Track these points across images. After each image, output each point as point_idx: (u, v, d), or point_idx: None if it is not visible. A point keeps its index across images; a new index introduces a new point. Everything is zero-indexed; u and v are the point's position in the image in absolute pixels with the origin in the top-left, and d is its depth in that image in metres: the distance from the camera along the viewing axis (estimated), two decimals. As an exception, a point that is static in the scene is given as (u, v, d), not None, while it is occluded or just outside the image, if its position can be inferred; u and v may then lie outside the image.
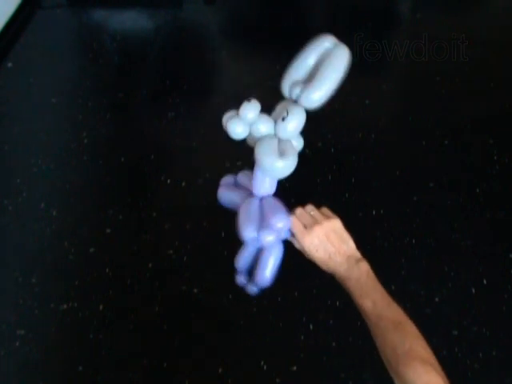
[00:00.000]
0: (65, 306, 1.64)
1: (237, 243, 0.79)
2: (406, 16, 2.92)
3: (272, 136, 0.70)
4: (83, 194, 2.01)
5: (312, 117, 0.69)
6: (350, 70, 0.68)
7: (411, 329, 0.65)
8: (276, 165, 0.69)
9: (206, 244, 1.76)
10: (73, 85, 2.51)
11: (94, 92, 2.45)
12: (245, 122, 0.68)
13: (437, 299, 1.61)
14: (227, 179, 0.86)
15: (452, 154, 2.05)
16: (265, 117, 0.70)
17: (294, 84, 0.69)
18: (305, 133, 0.72)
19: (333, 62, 0.67)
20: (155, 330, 1.59)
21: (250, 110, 0.68)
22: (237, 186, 0.84)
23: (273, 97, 0.75)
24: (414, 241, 1.76)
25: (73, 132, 2.25)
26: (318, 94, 0.67)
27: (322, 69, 0.67)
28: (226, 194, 0.84)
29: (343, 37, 0.72)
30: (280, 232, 0.73)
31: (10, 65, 2.59)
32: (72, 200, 1.98)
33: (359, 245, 0.75)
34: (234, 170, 0.86)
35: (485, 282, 1.65)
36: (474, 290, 1.63)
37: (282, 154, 0.69)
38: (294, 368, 1.48)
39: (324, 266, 0.74)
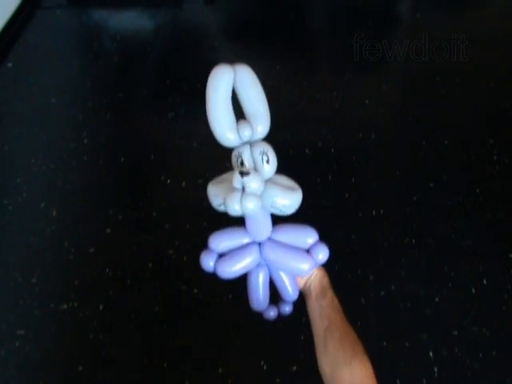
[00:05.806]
0: (65, 306, 1.64)
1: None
2: (406, 16, 2.91)
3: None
4: (83, 194, 2.01)
5: (312, 117, 0.69)
6: (349, 70, 0.68)
7: None
8: (298, 197, 0.68)
9: (205, 244, 1.76)
10: (73, 85, 2.51)
11: (94, 92, 2.45)
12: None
13: (437, 299, 1.61)
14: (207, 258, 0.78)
15: (452, 154, 2.05)
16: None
17: (234, 128, 0.65)
18: (305, 133, 0.72)
19: (253, 85, 0.66)
20: (155, 330, 1.59)
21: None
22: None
23: (273, 97, 0.75)
24: (413, 241, 1.76)
25: (73, 132, 2.25)
26: (268, 122, 0.67)
27: (251, 99, 0.65)
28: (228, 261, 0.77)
29: (343, 37, 0.72)
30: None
31: (9, 65, 2.59)
32: (72, 200, 1.98)
33: (359, 245, 0.75)
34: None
35: (485, 282, 1.65)
36: (474, 290, 1.63)
37: (292, 188, 0.68)
38: (294, 368, 1.48)
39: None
